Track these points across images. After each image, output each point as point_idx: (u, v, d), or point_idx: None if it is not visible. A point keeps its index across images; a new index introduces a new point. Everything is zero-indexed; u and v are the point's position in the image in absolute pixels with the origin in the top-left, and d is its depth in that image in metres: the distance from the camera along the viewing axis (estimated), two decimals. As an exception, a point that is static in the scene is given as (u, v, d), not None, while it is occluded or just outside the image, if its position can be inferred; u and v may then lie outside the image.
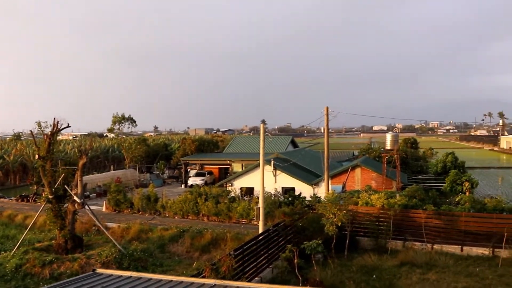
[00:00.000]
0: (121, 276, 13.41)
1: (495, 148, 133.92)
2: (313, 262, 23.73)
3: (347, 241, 26.76)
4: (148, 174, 66.67)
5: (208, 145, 73.09)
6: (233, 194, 39.19)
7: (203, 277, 17.55)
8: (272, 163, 43.56)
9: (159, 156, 76.16)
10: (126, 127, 77.60)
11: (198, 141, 72.84)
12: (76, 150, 67.58)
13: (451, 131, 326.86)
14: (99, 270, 14.22)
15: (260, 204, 27.52)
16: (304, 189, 40.83)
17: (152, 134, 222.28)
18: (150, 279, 13.06)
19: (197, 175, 59.45)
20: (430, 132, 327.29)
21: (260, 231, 26.28)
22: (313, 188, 42.54)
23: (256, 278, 21.97)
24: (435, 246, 27.41)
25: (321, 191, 37.69)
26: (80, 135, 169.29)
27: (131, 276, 13.30)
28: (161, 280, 12.93)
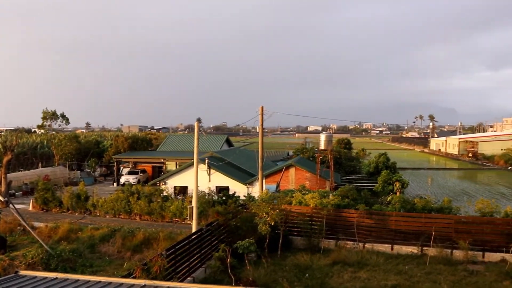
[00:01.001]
0: (46, 278, 12.75)
1: (425, 150, 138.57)
2: (246, 261, 23.63)
3: (280, 241, 26.82)
4: (79, 172, 64.70)
5: (142, 142, 71.87)
6: (166, 193, 38.61)
7: (134, 277, 17.07)
8: (206, 162, 43.21)
9: (91, 153, 74.11)
10: (57, 124, 74.61)
11: (131, 138, 71.53)
12: (0, 146, 64.64)
13: (384, 132, 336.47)
14: (22, 272, 13.46)
15: (194, 203, 27.19)
16: (238, 189, 40.77)
17: (84, 130, 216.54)
18: (78, 280, 12.49)
19: (129, 173, 58.34)
20: (363, 133, 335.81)
21: (193, 230, 25.96)
22: (247, 187, 42.55)
23: (188, 278, 21.67)
24: (367, 245, 27.95)
25: (256, 190, 37.75)
26: (6, 130, 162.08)
27: (57, 278, 12.68)
28: (89, 281, 12.39)
